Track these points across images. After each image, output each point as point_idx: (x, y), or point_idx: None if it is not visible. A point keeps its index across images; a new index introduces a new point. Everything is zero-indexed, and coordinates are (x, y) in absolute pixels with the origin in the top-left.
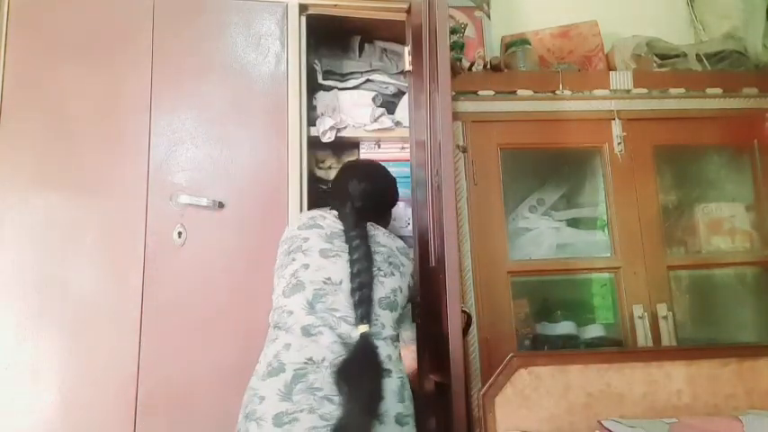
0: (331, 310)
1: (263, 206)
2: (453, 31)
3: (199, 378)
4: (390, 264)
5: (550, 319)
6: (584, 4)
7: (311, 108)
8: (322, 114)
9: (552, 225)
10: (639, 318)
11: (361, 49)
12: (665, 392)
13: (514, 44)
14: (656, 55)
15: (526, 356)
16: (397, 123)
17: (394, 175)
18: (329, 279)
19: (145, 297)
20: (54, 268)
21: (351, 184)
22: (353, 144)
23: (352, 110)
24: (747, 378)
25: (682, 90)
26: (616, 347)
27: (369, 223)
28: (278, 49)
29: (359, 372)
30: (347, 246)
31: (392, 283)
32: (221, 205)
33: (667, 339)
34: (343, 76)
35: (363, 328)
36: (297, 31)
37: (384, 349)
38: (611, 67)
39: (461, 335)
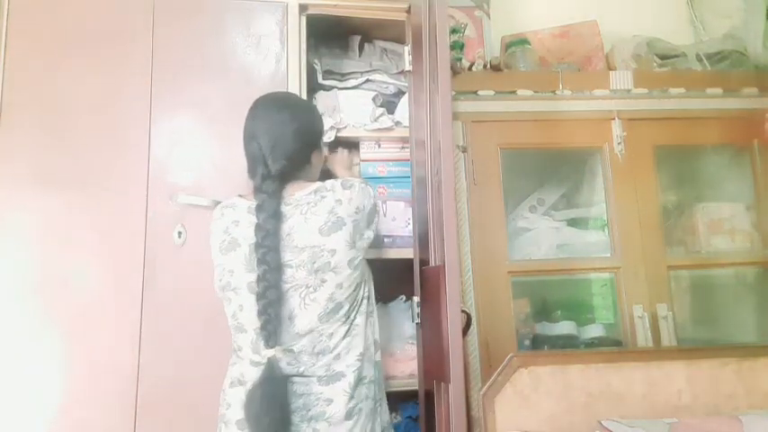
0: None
1: None
2: (453, 31)
3: (199, 378)
4: (317, 271)
5: (550, 319)
6: (584, 4)
7: None
8: (322, 114)
9: (552, 225)
10: (639, 318)
11: (361, 49)
12: (665, 392)
13: (514, 44)
14: (657, 55)
15: (526, 356)
16: (397, 123)
17: (394, 175)
18: None
19: (145, 297)
20: (54, 268)
21: (262, 136)
22: (353, 144)
23: (352, 110)
24: (747, 378)
25: (682, 90)
26: (616, 347)
27: (287, 197)
28: (278, 49)
29: (260, 407)
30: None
31: (326, 292)
32: None
33: (667, 339)
34: (343, 76)
35: (269, 353)
36: (297, 31)
37: (329, 354)
38: (611, 67)
39: (461, 335)
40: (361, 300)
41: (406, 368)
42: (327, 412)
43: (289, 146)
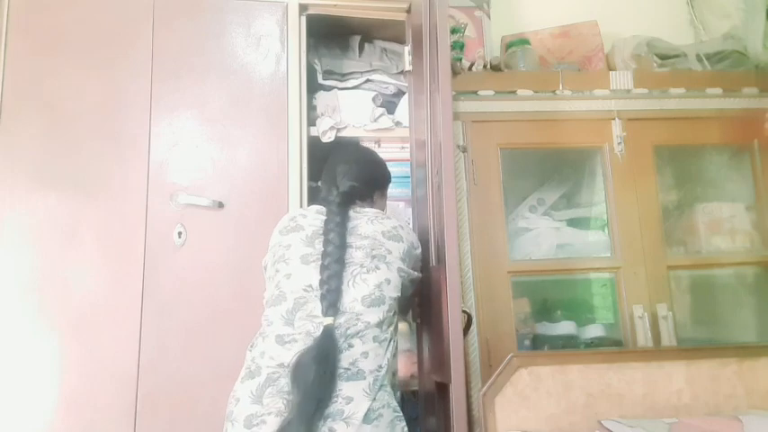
0: (311, 317)
1: (263, 206)
2: (453, 31)
3: (199, 378)
4: (374, 257)
5: (550, 319)
6: (584, 4)
7: (311, 108)
8: (322, 114)
9: (552, 225)
10: (639, 318)
11: (361, 49)
12: (665, 392)
13: (514, 44)
14: (656, 55)
15: (526, 356)
16: (397, 123)
17: (394, 175)
18: (310, 286)
19: (145, 297)
20: (54, 268)
21: (339, 166)
22: None
23: (352, 110)
24: (747, 378)
25: (682, 90)
26: (616, 347)
27: (354, 209)
28: (278, 49)
29: (309, 367)
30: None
31: (376, 278)
32: (221, 205)
33: (667, 339)
34: (343, 76)
35: (327, 320)
36: (297, 31)
37: (360, 347)
38: (611, 67)
39: (461, 335)
40: (395, 322)
41: (407, 368)
42: (346, 411)
43: (357, 176)
